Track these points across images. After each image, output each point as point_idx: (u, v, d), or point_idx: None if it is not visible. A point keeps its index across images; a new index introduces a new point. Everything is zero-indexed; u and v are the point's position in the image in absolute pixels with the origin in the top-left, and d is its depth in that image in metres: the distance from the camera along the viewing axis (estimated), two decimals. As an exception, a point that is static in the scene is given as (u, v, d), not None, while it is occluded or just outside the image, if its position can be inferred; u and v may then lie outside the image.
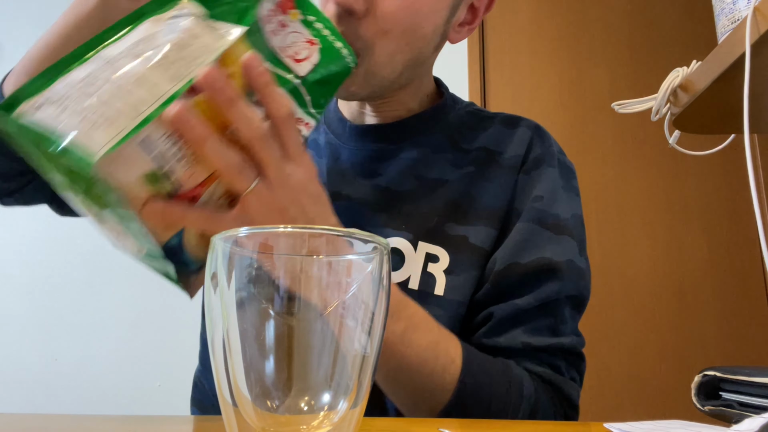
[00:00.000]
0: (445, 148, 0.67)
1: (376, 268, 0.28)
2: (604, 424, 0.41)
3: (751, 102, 0.54)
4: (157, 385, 1.69)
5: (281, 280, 0.27)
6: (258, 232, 0.28)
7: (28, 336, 1.78)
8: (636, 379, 1.65)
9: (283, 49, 0.45)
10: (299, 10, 0.46)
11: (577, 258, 0.62)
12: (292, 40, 0.45)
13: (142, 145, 0.36)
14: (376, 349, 0.29)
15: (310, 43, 0.46)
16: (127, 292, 1.77)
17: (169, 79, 0.37)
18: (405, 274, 0.61)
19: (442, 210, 0.63)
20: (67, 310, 1.78)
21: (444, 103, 0.71)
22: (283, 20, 0.45)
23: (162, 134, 0.37)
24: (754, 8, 0.53)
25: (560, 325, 0.59)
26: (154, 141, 0.36)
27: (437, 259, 0.61)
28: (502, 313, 0.58)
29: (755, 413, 0.39)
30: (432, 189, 0.64)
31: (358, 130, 0.69)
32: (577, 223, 0.64)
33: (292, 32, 0.45)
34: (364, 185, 0.65)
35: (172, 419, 0.47)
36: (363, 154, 0.68)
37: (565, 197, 0.65)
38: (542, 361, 0.58)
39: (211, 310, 0.28)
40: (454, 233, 0.62)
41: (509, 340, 0.58)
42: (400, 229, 0.62)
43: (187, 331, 1.72)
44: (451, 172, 0.65)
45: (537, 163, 0.65)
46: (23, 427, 0.41)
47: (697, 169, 1.77)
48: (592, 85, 1.86)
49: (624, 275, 1.72)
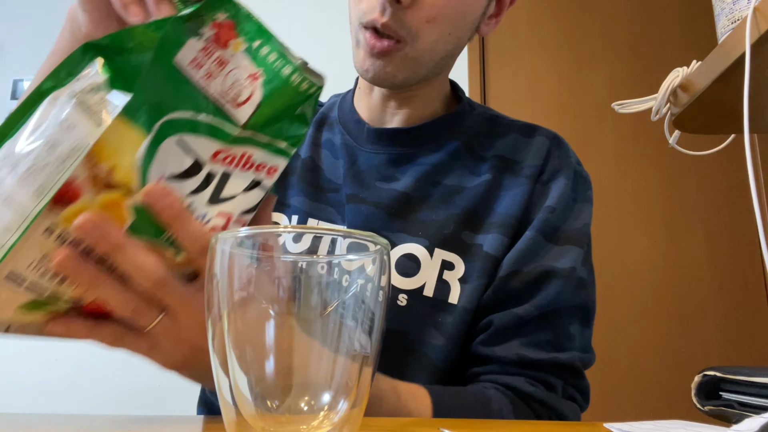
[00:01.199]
0: (462, 154, 0.67)
1: (376, 268, 0.28)
2: (604, 424, 0.41)
3: (751, 102, 0.54)
4: (157, 385, 1.69)
5: (281, 280, 0.27)
6: (258, 232, 0.28)
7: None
8: (636, 379, 1.65)
9: (224, 94, 0.37)
10: (242, 38, 0.37)
11: (580, 268, 0.61)
12: (232, 81, 0.37)
13: (9, 279, 0.32)
14: (376, 349, 0.29)
15: (252, 78, 0.37)
16: (127, 292, 1.78)
17: (34, 195, 0.31)
18: (420, 281, 0.60)
19: (459, 218, 0.62)
20: (67, 310, 1.78)
21: (462, 109, 0.71)
22: (221, 57, 0.37)
23: (31, 263, 0.32)
24: (754, 8, 0.53)
25: (562, 341, 0.58)
26: (24, 273, 0.32)
27: (453, 266, 0.61)
28: (502, 322, 0.58)
29: (755, 413, 0.39)
30: (449, 196, 0.64)
31: (376, 134, 0.68)
32: (584, 233, 0.64)
33: (232, 70, 0.37)
34: (381, 189, 0.65)
35: (172, 419, 0.47)
36: (380, 158, 0.67)
37: (576, 209, 0.64)
38: (536, 379, 0.57)
39: (211, 310, 0.28)
40: (470, 241, 0.62)
41: (505, 350, 0.57)
42: (417, 236, 0.62)
43: (187, 331, 1.72)
44: (468, 179, 0.65)
45: (553, 175, 0.65)
46: (23, 427, 0.41)
47: (697, 169, 1.77)
48: (592, 85, 1.86)
49: (624, 275, 1.72)
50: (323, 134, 0.72)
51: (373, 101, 0.70)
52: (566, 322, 0.59)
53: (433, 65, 0.63)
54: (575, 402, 0.58)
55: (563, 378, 0.58)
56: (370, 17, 0.58)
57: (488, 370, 0.58)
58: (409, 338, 0.59)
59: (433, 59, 0.62)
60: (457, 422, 0.46)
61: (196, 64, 0.36)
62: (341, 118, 0.72)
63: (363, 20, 0.59)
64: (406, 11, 0.57)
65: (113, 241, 0.33)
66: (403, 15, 0.57)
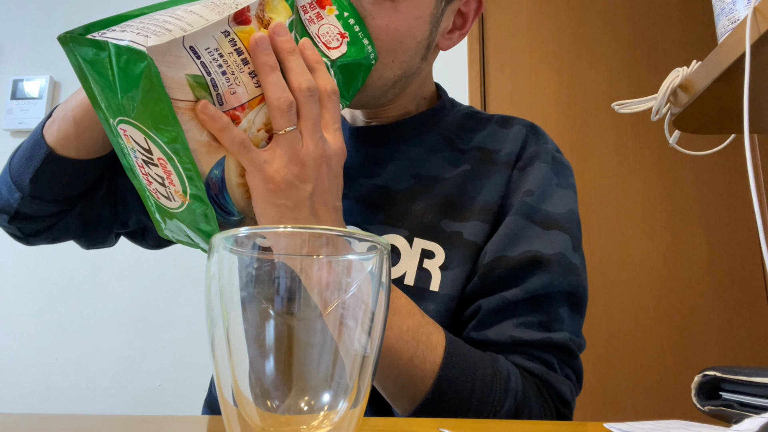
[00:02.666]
0: (442, 147, 0.68)
1: (376, 268, 0.28)
2: (604, 424, 0.41)
3: (751, 102, 0.54)
4: (157, 385, 1.69)
5: (281, 280, 0.27)
6: (258, 233, 0.28)
7: (28, 336, 1.78)
8: (636, 379, 1.64)
9: (317, 36, 0.53)
10: (335, 6, 0.54)
11: (570, 253, 0.61)
12: (325, 30, 0.53)
13: (189, 50, 0.41)
14: (376, 349, 0.29)
15: (340, 35, 0.54)
16: (127, 292, 1.77)
17: (214, 13, 0.43)
18: (401, 270, 0.61)
19: (438, 207, 0.63)
20: (67, 310, 1.78)
21: (442, 105, 0.72)
22: (319, 13, 0.53)
23: (208, 47, 0.42)
24: (754, 8, 0.53)
25: (553, 323, 0.58)
26: (201, 51, 0.42)
27: (433, 255, 0.61)
28: (490, 305, 0.58)
29: (755, 413, 0.39)
30: (428, 187, 0.65)
31: (357, 132, 0.70)
32: (571, 218, 0.64)
33: (325, 24, 0.53)
34: (363, 185, 0.67)
35: (172, 419, 0.47)
36: (362, 155, 0.69)
37: (558, 193, 0.64)
38: (533, 356, 0.57)
39: (211, 310, 0.28)
40: (449, 229, 0.62)
41: (498, 333, 0.57)
42: (397, 227, 0.63)
43: (187, 331, 1.73)
44: (447, 170, 0.66)
45: (530, 160, 0.66)
46: (23, 427, 0.41)
47: (697, 169, 1.77)
48: (592, 85, 1.86)
49: (624, 275, 1.72)
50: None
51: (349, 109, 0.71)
52: (556, 306, 0.59)
53: (386, 90, 0.64)
54: (570, 381, 0.58)
55: (559, 357, 0.58)
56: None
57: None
58: None
59: (384, 85, 0.63)
60: (457, 422, 0.46)
61: (305, 10, 0.53)
62: None
63: None
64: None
65: (288, 46, 0.46)
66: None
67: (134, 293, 1.77)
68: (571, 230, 0.63)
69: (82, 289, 1.80)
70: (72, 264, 1.81)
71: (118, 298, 1.78)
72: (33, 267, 1.83)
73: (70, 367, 1.73)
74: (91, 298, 1.79)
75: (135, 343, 1.74)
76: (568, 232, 0.62)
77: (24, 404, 1.71)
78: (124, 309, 1.77)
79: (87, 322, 1.77)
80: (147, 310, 1.75)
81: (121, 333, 1.75)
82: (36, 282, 1.82)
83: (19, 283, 1.83)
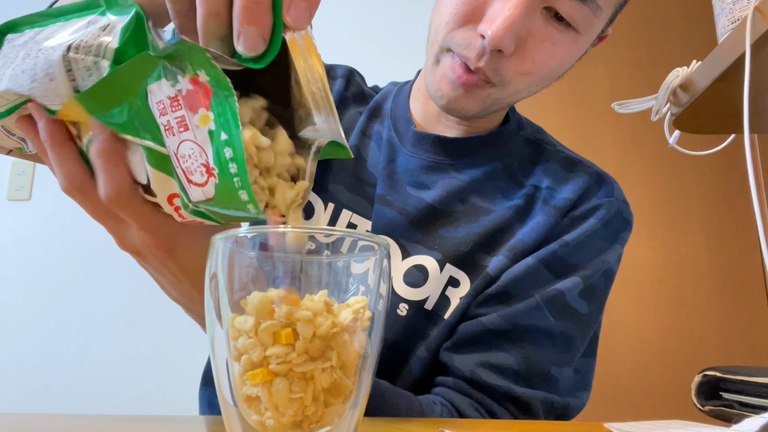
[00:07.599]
0: (499, 176, 0.65)
1: (376, 268, 0.28)
2: (604, 424, 0.41)
3: (751, 102, 0.54)
4: (157, 385, 1.69)
5: (281, 280, 0.27)
6: (258, 232, 0.28)
7: (28, 336, 1.77)
8: (636, 379, 1.64)
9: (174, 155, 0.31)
10: (212, 114, 0.29)
11: (572, 297, 0.58)
12: (188, 151, 0.30)
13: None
14: (377, 349, 0.29)
15: (206, 168, 0.30)
16: (127, 292, 1.77)
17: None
18: (425, 294, 0.59)
19: (477, 237, 0.61)
20: (67, 310, 1.78)
21: (508, 129, 0.69)
22: (185, 118, 0.30)
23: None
24: (754, 8, 0.53)
25: (531, 374, 0.55)
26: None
27: (458, 284, 0.60)
28: (465, 328, 0.57)
29: (755, 413, 0.39)
30: (474, 216, 0.62)
31: (420, 137, 0.67)
32: (597, 268, 0.61)
33: (188, 141, 0.30)
34: (409, 196, 0.64)
35: (172, 419, 0.47)
36: (417, 163, 0.66)
37: (595, 244, 0.61)
38: (483, 405, 0.54)
39: (211, 311, 0.28)
40: (480, 262, 0.60)
41: (462, 362, 0.55)
42: (432, 249, 0.61)
43: (187, 331, 1.72)
44: (498, 202, 0.64)
45: (587, 213, 0.63)
46: (23, 427, 0.41)
47: (697, 169, 1.77)
48: (592, 85, 1.86)
49: (624, 275, 1.72)
50: (374, 125, 0.70)
51: (429, 108, 0.68)
52: (540, 351, 0.56)
53: (508, 105, 0.63)
54: None
55: (513, 414, 0.55)
56: (463, 53, 0.56)
57: (442, 381, 0.57)
58: (400, 348, 0.58)
59: (512, 102, 0.62)
60: (457, 422, 0.46)
61: (161, 109, 0.31)
62: (393, 112, 0.70)
63: (454, 49, 0.57)
64: (503, 61, 0.55)
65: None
66: (500, 64, 0.55)
67: (134, 293, 1.77)
68: (588, 277, 0.60)
69: (82, 289, 1.80)
70: (72, 264, 1.81)
71: (118, 298, 1.78)
72: (33, 267, 1.83)
73: (70, 367, 1.73)
74: (91, 298, 1.79)
75: (135, 343, 1.74)
76: (583, 277, 0.59)
77: (24, 404, 1.71)
78: (124, 309, 1.77)
79: (87, 322, 1.77)
80: (147, 310, 1.75)
81: (121, 333, 1.75)
82: (36, 282, 1.82)
83: (19, 283, 1.83)
